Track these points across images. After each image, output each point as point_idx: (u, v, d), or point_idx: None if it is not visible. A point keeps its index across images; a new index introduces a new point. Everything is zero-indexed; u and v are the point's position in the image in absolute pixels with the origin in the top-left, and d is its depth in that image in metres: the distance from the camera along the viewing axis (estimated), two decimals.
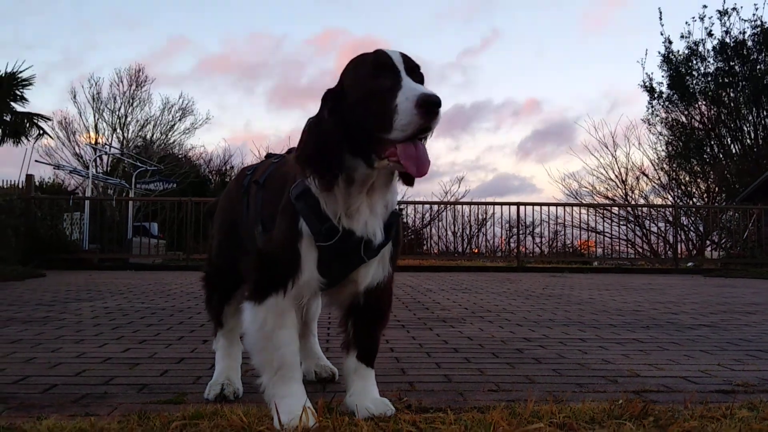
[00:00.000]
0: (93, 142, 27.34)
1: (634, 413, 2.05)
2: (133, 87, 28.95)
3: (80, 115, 28.82)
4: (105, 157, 26.59)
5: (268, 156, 2.49)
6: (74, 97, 29.53)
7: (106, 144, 27.10)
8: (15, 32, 46.50)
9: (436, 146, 49.30)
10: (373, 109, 1.79)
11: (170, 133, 30.16)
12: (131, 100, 28.79)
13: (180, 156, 30.24)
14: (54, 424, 1.87)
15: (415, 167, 1.75)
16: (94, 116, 28.38)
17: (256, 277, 1.99)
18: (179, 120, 30.21)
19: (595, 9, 51.05)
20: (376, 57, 1.86)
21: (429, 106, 1.71)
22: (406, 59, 1.86)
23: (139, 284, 8.58)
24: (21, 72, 16.29)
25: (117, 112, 28.51)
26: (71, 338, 3.74)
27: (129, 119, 28.81)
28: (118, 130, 28.50)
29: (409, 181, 1.97)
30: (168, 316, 4.90)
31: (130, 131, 28.93)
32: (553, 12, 51.29)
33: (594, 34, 50.21)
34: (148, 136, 29.28)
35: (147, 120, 29.49)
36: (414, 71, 1.85)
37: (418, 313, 5.27)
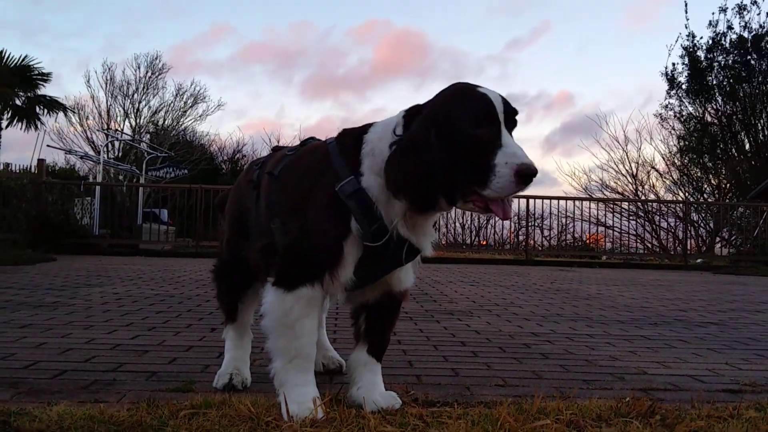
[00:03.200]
0: (105, 127, 27.41)
1: (641, 411, 2.05)
2: (149, 74, 29.01)
3: (92, 100, 28.93)
4: (116, 143, 26.65)
5: (275, 149, 2.49)
6: (88, 81, 29.68)
7: (117, 130, 27.17)
8: (60, 20, 46.96)
9: None
10: (471, 160, 1.79)
11: (182, 119, 30.23)
12: (146, 87, 28.86)
13: (193, 143, 30.28)
14: (64, 411, 1.88)
15: (504, 214, 1.82)
16: (107, 101, 28.48)
17: (287, 265, 1.98)
18: (191, 107, 30.26)
19: (642, 2, 50.69)
20: (481, 102, 1.84)
21: (527, 178, 1.75)
22: (507, 105, 1.86)
23: (149, 271, 8.62)
24: (36, 64, 16.45)
25: (130, 98, 28.59)
26: (81, 324, 3.77)
27: (143, 105, 28.91)
28: (131, 116, 28.61)
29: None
30: (177, 304, 4.93)
31: (143, 117, 29.03)
32: (600, 4, 51.06)
33: (637, 29, 49.90)
34: (160, 123, 29.35)
35: (160, 106, 29.58)
36: (510, 119, 1.86)
37: (425, 305, 5.28)
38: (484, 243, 19.14)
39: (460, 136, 1.81)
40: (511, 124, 1.86)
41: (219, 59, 51.42)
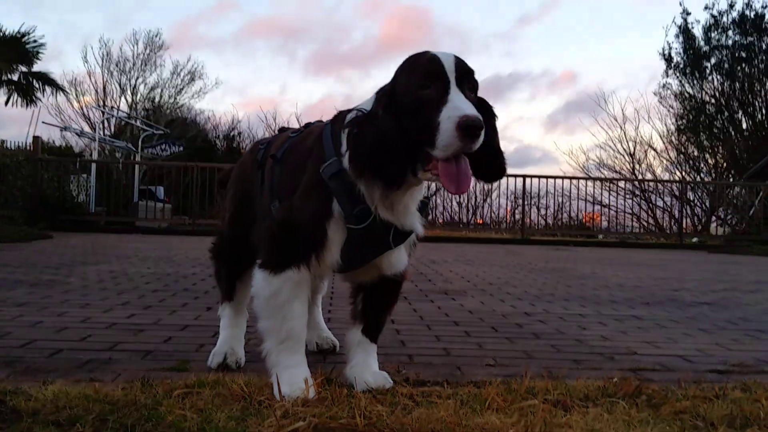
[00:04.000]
0: (102, 103, 27.27)
1: (627, 392, 2.08)
2: (148, 50, 28.80)
3: (89, 76, 28.77)
4: (113, 120, 26.55)
5: (282, 130, 2.49)
6: (85, 57, 29.51)
7: (114, 107, 27.03)
8: None
9: None
10: (418, 122, 1.78)
11: (179, 96, 30.08)
12: (144, 64, 28.67)
13: (187, 120, 30.16)
14: (59, 390, 1.91)
15: (454, 186, 1.76)
16: (103, 78, 28.31)
17: (274, 247, 1.99)
18: (188, 84, 30.09)
19: None
20: (427, 63, 1.83)
21: (469, 130, 1.70)
22: (459, 66, 1.82)
23: (145, 249, 8.64)
24: (31, 34, 16.33)
25: (127, 75, 28.42)
26: (77, 302, 3.80)
27: (139, 81, 28.73)
28: (128, 93, 28.45)
29: (495, 175, 1.99)
30: (173, 282, 4.95)
31: (139, 94, 28.87)
32: None
33: (648, 3, 49.41)
34: (156, 100, 29.20)
35: (157, 83, 29.41)
36: (466, 79, 1.83)
37: (420, 285, 5.31)
38: (481, 221, 19.22)
39: (409, 100, 1.82)
40: (467, 83, 1.83)
41: (223, 35, 51.19)
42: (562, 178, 17.59)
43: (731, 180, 24.56)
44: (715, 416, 1.88)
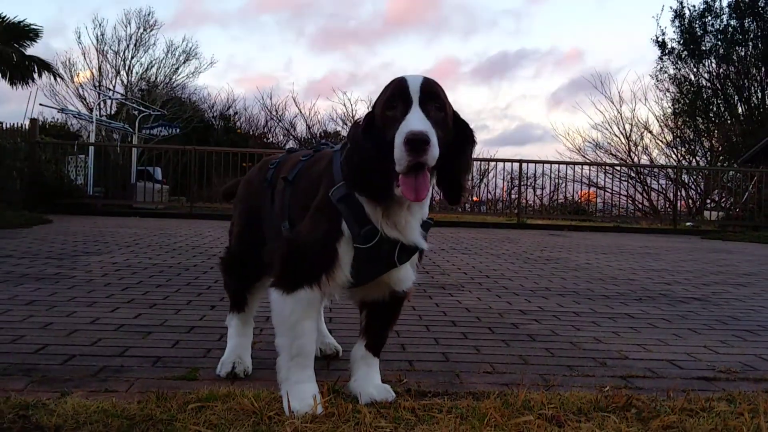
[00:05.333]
0: (98, 83, 27.13)
1: (618, 404, 2.19)
2: (141, 30, 28.61)
3: (84, 56, 28.61)
4: (108, 101, 26.46)
5: (289, 151, 2.57)
6: (78, 37, 29.35)
7: (109, 88, 26.92)
8: None
9: (466, 93, 50.01)
10: (386, 141, 1.89)
11: (174, 76, 29.93)
12: (137, 43, 28.49)
13: (182, 98, 30.03)
14: (78, 404, 2.01)
15: (412, 194, 1.87)
16: (98, 58, 28.15)
17: (287, 268, 2.10)
18: (183, 63, 29.94)
19: None
20: (395, 86, 1.94)
21: (412, 144, 1.80)
22: (425, 87, 1.92)
23: (144, 235, 8.72)
24: (29, 24, 16.46)
25: (122, 54, 28.25)
26: (84, 301, 3.89)
27: (134, 61, 28.57)
28: (123, 73, 28.31)
29: (452, 201, 2.08)
30: (175, 276, 5.05)
31: (134, 74, 28.72)
32: None
33: None
34: (152, 80, 29.06)
35: (152, 63, 29.25)
36: (431, 99, 1.92)
37: (418, 278, 5.36)
38: (477, 199, 19.31)
39: (379, 121, 1.95)
40: (433, 103, 1.92)
41: (229, 9, 50.70)
42: (558, 163, 17.70)
43: (726, 164, 24.70)
44: (700, 431, 1.99)
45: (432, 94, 1.92)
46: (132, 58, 28.34)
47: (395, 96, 1.92)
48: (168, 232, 9.37)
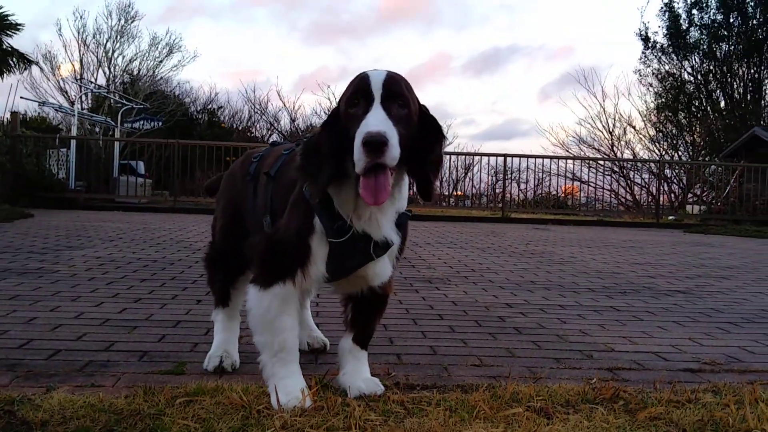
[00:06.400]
0: (79, 77, 26.83)
1: (606, 396, 2.20)
2: (122, 22, 28.33)
3: (65, 49, 28.31)
4: (90, 94, 26.16)
5: (273, 144, 2.56)
6: (59, 29, 29.04)
7: (91, 81, 26.64)
8: None
9: (456, 87, 50.08)
10: (348, 140, 1.86)
11: (157, 69, 29.68)
12: (119, 36, 28.21)
13: (166, 92, 29.81)
14: (64, 399, 1.99)
15: (371, 197, 1.83)
16: (80, 50, 27.86)
17: (264, 263, 2.09)
18: (166, 56, 29.70)
19: None
20: (357, 82, 1.91)
21: (369, 146, 1.76)
22: (388, 84, 1.88)
23: (128, 229, 8.65)
24: (9, 16, 16.24)
25: (104, 47, 27.97)
26: (68, 295, 3.85)
27: (116, 54, 28.30)
28: (105, 66, 28.02)
29: (425, 197, 2.06)
30: (160, 270, 5.01)
31: (116, 67, 28.45)
32: None
33: None
34: (134, 72, 28.80)
35: (134, 56, 28.99)
36: (393, 96, 1.88)
37: (404, 272, 5.42)
38: (461, 193, 19.37)
39: (342, 118, 1.93)
40: (396, 100, 1.89)
41: (222, 1, 50.29)
42: (542, 157, 17.76)
43: (708, 158, 24.93)
44: (687, 422, 2.01)
45: (394, 91, 1.88)
46: (114, 50, 28.10)
47: (357, 93, 1.88)
48: (151, 227, 9.30)
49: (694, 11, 26.95)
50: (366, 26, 53.31)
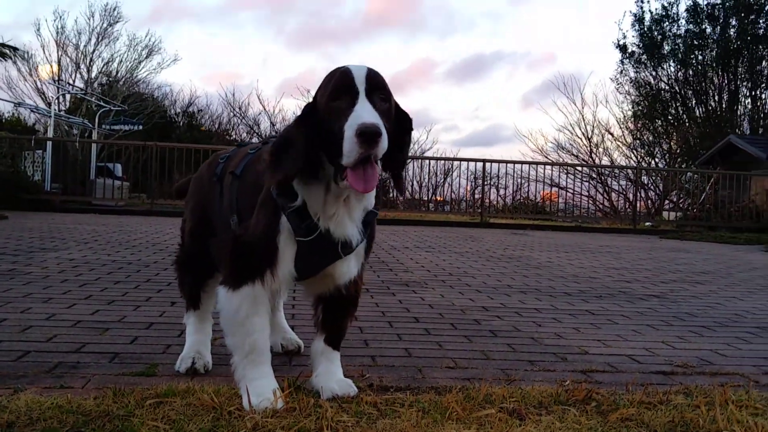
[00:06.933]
0: (57, 78, 26.52)
1: (578, 398, 2.21)
2: (105, 24, 28.06)
3: (43, 49, 28.00)
4: (68, 95, 25.89)
5: (240, 145, 2.55)
6: (38, 30, 28.76)
7: (69, 83, 26.35)
8: None
9: (439, 93, 50.20)
10: (331, 133, 1.87)
11: (136, 71, 29.45)
12: (100, 37, 27.94)
13: (146, 95, 29.58)
14: (32, 400, 1.95)
15: (362, 185, 1.84)
16: (58, 51, 27.56)
17: (232, 264, 2.07)
18: (145, 58, 29.47)
19: None
20: (339, 76, 1.91)
21: (365, 137, 1.78)
22: (370, 78, 1.90)
23: (104, 231, 8.56)
24: None
25: (83, 49, 27.68)
26: (39, 296, 3.80)
27: (95, 55, 28.03)
28: (83, 67, 27.73)
29: (400, 188, 2.08)
30: (135, 273, 4.96)
31: (95, 69, 28.18)
32: None
33: None
34: (112, 74, 28.54)
35: (113, 57, 28.72)
36: (377, 90, 1.90)
37: (381, 275, 5.41)
38: (441, 199, 19.42)
39: (323, 112, 1.92)
40: (379, 93, 1.91)
41: (207, 5, 50.07)
42: (521, 163, 17.86)
43: (684, 166, 25.24)
44: (658, 423, 2.02)
45: (377, 85, 1.91)
46: (93, 51, 27.84)
47: (340, 87, 1.89)
48: (128, 229, 9.21)
49: (666, 23, 27.32)
50: (351, 31, 53.49)
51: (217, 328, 2.67)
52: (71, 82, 26.71)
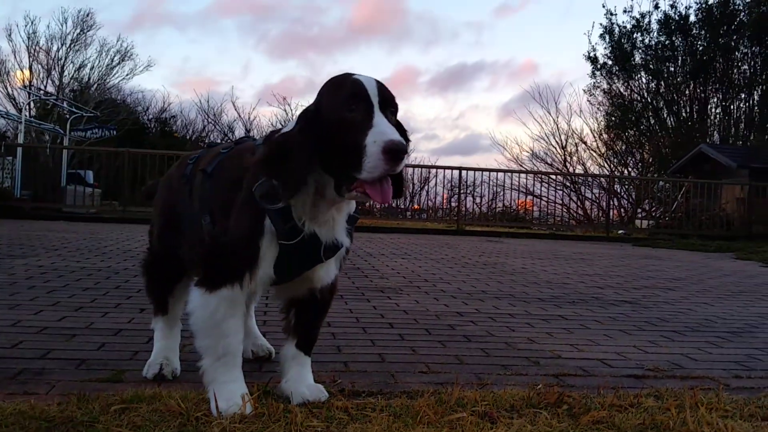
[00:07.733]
0: (28, 83, 26.15)
1: (550, 401, 2.21)
2: (77, 30, 27.73)
3: (14, 55, 27.59)
4: (39, 101, 25.54)
5: (209, 145, 2.51)
6: (9, 35, 28.36)
7: (40, 89, 25.99)
8: None
9: (421, 102, 50.46)
10: (344, 145, 1.82)
11: (108, 77, 29.14)
12: (73, 44, 27.61)
13: (118, 101, 29.29)
14: None
15: (381, 197, 1.82)
16: (29, 57, 27.20)
17: (211, 265, 2.03)
18: (118, 64, 29.18)
19: None
20: (352, 86, 1.87)
21: (394, 154, 1.76)
22: (382, 90, 1.87)
23: (74, 239, 8.43)
24: None
25: (55, 54, 27.34)
26: (6, 303, 3.72)
27: (66, 61, 27.69)
28: (54, 73, 27.38)
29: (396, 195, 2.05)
30: (104, 279, 4.88)
31: (66, 74, 27.83)
32: None
33: None
34: (84, 80, 28.22)
35: (84, 63, 28.39)
36: (388, 103, 1.88)
37: (357, 282, 5.38)
38: (417, 207, 19.45)
39: (334, 121, 1.86)
40: (389, 107, 1.90)
41: (188, 12, 49.70)
42: (497, 171, 17.97)
43: (656, 175, 25.57)
44: (629, 426, 2.02)
45: (389, 98, 1.89)
46: (65, 57, 27.52)
47: (354, 97, 1.85)
48: (99, 236, 9.08)
49: (637, 34, 27.70)
50: (335, 40, 53.61)
51: (186, 334, 2.64)
52: (42, 87, 26.36)
